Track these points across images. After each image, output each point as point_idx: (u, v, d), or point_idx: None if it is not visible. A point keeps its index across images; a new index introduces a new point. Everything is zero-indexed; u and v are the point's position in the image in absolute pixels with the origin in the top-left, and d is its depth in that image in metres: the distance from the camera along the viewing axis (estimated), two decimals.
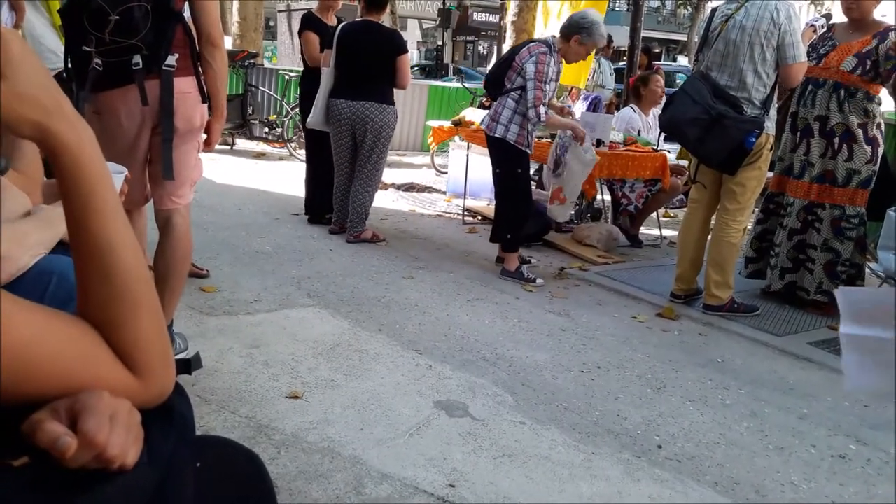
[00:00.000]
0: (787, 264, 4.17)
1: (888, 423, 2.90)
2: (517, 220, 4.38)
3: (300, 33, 5.15)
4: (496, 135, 4.24)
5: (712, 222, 3.99)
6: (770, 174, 4.13)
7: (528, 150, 4.30)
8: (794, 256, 4.15)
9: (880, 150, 3.97)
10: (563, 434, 2.55)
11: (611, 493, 2.21)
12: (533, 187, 4.70)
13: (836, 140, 3.93)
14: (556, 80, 4.27)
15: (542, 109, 4.15)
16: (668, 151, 5.41)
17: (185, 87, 2.55)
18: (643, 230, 5.70)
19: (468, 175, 5.86)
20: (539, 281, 4.29)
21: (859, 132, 3.91)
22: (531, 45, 4.26)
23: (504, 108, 4.23)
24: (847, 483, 2.42)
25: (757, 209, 4.48)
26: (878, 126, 3.94)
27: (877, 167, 3.99)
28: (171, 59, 2.49)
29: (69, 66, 2.51)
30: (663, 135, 4.29)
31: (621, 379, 3.08)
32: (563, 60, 4.28)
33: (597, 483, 2.26)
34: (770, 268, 4.30)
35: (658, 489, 2.26)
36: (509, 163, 4.31)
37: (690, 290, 4.11)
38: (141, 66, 2.43)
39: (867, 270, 4.64)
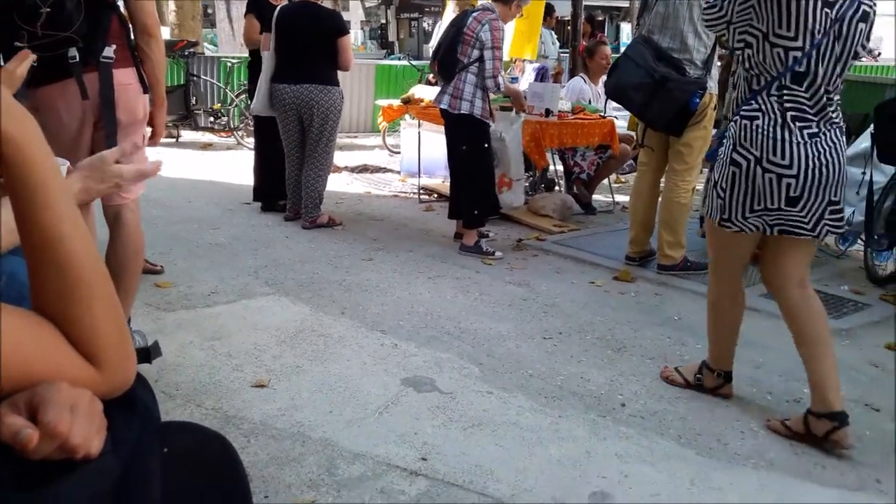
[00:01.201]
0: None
1: (840, 366, 3.01)
2: (485, 195, 4.39)
3: (245, 16, 5.08)
4: (462, 112, 4.20)
5: (662, 184, 4.07)
6: (714, 132, 4.22)
7: (490, 122, 4.32)
8: None
9: None
10: (530, 400, 2.59)
11: (579, 453, 2.26)
12: None
13: None
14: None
15: (500, 79, 4.18)
16: (616, 118, 5.48)
17: (125, 78, 2.50)
18: (596, 197, 5.78)
19: (421, 153, 5.84)
20: (498, 254, 4.33)
21: None
22: (476, 14, 4.23)
23: (466, 84, 4.20)
24: None
25: (705, 169, 4.57)
26: None
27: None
28: (109, 51, 2.42)
29: (1, 63, 2.43)
30: (612, 103, 4.35)
31: (583, 343, 3.14)
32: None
33: (565, 444, 2.31)
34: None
35: (624, 446, 2.32)
36: (477, 138, 4.30)
37: (644, 251, 4.20)
38: (77, 59, 2.36)
39: None
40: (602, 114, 5.45)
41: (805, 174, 2.26)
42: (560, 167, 5.95)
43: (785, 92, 2.26)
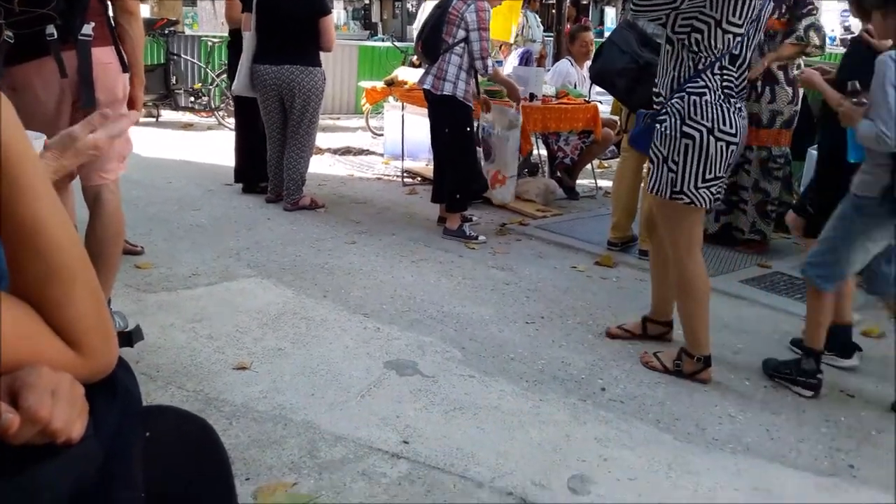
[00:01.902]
0: (722, 207, 4.31)
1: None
2: (467, 179, 4.38)
3: None
4: (444, 93, 4.18)
5: (644, 170, 4.09)
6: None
7: (472, 105, 4.31)
8: (728, 199, 4.29)
9: (801, 91, 4.11)
10: (511, 384, 2.61)
11: (559, 436, 2.29)
12: None
13: (759, 83, 4.05)
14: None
15: (489, 61, 4.16)
16: (601, 103, 5.48)
17: (104, 57, 2.45)
18: (579, 182, 5.79)
19: (405, 136, 5.81)
20: (481, 238, 4.33)
21: (780, 74, 4.05)
22: None
23: (449, 65, 4.17)
24: (779, 411, 2.56)
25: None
26: (798, 67, 4.07)
27: (798, 107, 4.13)
28: (88, 28, 2.38)
29: None
30: (596, 87, 4.35)
31: (564, 327, 3.16)
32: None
33: (545, 428, 2.33)
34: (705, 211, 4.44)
35: (604, 430, 2.35)
36: (459, 121, 4.28)
37: (626, 237, 4.22)
38: (56, 36, 2.32)
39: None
40: (586, 98, 5.45)
41: (741, 143, 2.56)
42: (544, 152, 5.95)
43: (724, 72, 2.48)
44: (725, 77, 2.48)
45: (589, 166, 5.86)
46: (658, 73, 2.63)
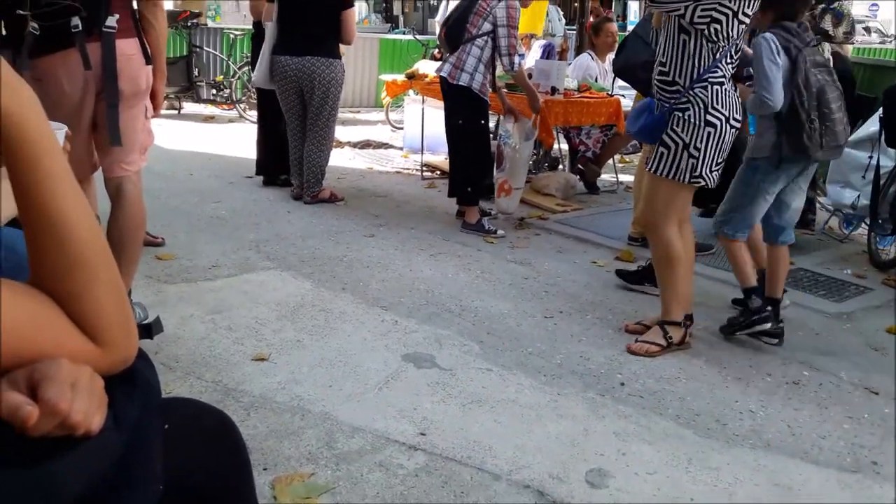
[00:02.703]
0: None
1: (840, 349, 3.03)
2: (479, 173, 4.37)
3: None
4: (460, 83, 4.16)
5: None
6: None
7: (487, 100, 4.29)
8: None
9: None
10: (529, 378, 2.60)
11: (577, 431, 2.28)
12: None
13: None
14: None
15: (516, 58, 4.14)
16: (623, 96, 5.43)
17: (128, 49, 2.47)
18: (600, 176, 5.75)
19: (424, 129, 5.80)
20: (500, 232, 4.32)
21: None
22: None
23: (468, 56, 4.15)
24: (801, 407, 2.53)
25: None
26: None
27: None
28: (112, 21, 2.40)
29: (3, 31, 2.40)
30: (619, 81, 4.31)
31: (583, 322, 3.14)
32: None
33: (563, 422, 2.32)
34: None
35: (622, 424, 2.33)
36: (473, 113, 4.26)
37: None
38: (80, 28, 2.34)
39: (817, 204, 4.78)
40: (609, 92, 5.40)
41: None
42: (564, 146, 5.91)
43: (731, 60, 2.67)
44: (732, 66, 2.67)
45: (610, 161, 5.82)
46: (668, 62, 2.69)
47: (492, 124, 5.54)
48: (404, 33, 11.09)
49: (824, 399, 2.59)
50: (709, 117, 2.64)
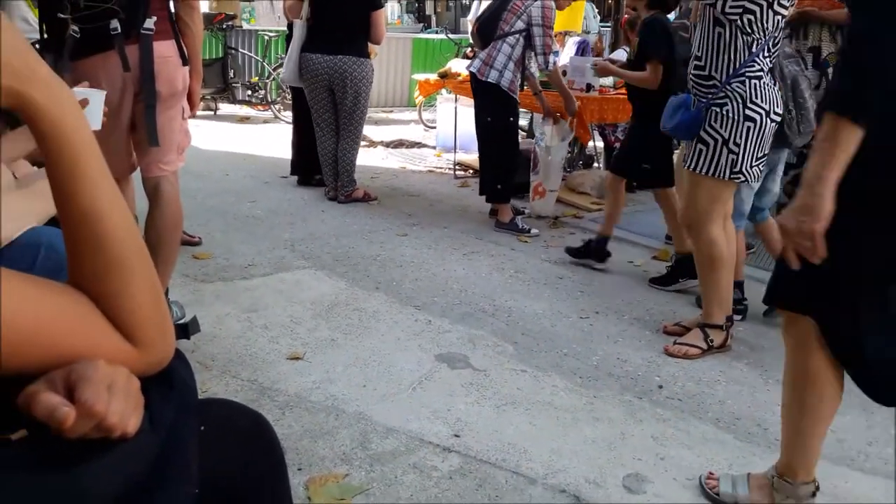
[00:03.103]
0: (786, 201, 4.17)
1: None
2: (507, 170, 4.34)
3: None
4: (489, 79, 4.14)
5: None
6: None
7: (517, 98, 4.25)
8: (792, 193, 4.14)
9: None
10: (565, 379, 2.57)
11: (613, 434, 2.24)
12: (522, 137, 4.66)
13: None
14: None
15: (551, 58, 4.10)
16: None
17: (165, 50, 2.50)
18: None
19: (457, 128, 5.79)
20: (534, 231, 4.28)
21: (808, 57, 3.94)
22: None
23: (499, 53, 4.13)
24: (846, 412, 2.44)
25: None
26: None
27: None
28: (150, 23, 2.42)
29: (45, 35, 2.45)
30: None
31: (620, 323, 3.09)
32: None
33: (599, 425, 2.28)
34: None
35: (661, 428, 2.29)
36: (501, 110, 4.24)
37: None
38: (119, 30, 2.37)
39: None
40: None
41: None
42: (599, 143, 5.84)
43: (769, 54, 2.60)
44: (770, 59, 2.62)
45: None
46: (704, 56, 2.64)
47: (525, 121, 5.50)
48: (436, 32, 11.09)
49: (869, 403, 2.50)
50: (748, 112, 2.59)
